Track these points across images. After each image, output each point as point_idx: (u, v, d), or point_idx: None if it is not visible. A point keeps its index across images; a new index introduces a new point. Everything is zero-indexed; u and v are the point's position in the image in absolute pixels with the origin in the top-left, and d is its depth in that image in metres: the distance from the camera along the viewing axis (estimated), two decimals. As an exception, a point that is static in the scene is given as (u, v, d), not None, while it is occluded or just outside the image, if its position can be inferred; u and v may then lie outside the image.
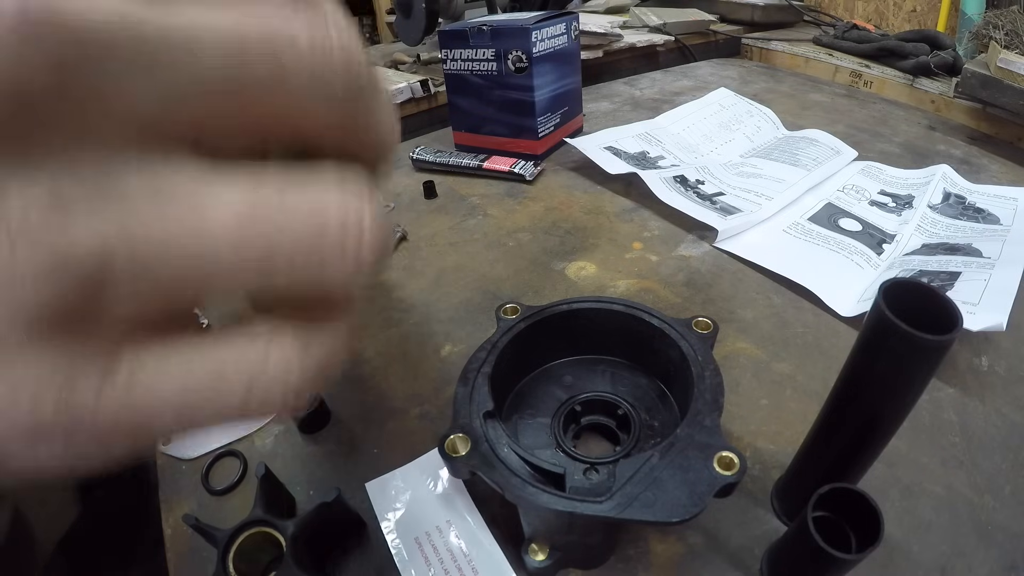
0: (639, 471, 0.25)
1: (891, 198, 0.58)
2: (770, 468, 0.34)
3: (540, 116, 0.68)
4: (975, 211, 0.55)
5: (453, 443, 0.27)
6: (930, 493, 0.32)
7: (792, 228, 0.55)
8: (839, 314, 0.44)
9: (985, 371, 0.39)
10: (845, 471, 0.28)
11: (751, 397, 0.38)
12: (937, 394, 0.37)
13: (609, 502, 0.24)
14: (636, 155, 0.68)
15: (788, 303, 0.46)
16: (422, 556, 0.32)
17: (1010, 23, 0.68)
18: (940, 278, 0.44)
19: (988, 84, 0.66)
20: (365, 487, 0.36)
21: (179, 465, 0.39)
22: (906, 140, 0.70)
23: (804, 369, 0.40)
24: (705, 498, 0.24)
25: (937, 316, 0.21)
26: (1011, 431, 0.35)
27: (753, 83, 0.91)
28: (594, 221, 0.59)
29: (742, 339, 0.43)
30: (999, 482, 0.32)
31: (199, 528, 0.31)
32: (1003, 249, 0.47)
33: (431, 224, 0.61)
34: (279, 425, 0.41)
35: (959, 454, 0.34)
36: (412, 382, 0.43)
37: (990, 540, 0.29)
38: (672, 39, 1.03)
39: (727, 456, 0.25)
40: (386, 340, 0.47)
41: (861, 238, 0.52)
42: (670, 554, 0.30)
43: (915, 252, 0.50)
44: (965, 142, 0.69)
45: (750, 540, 0.30)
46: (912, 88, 0.80)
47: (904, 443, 0.34)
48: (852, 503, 0.24)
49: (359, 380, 0.44)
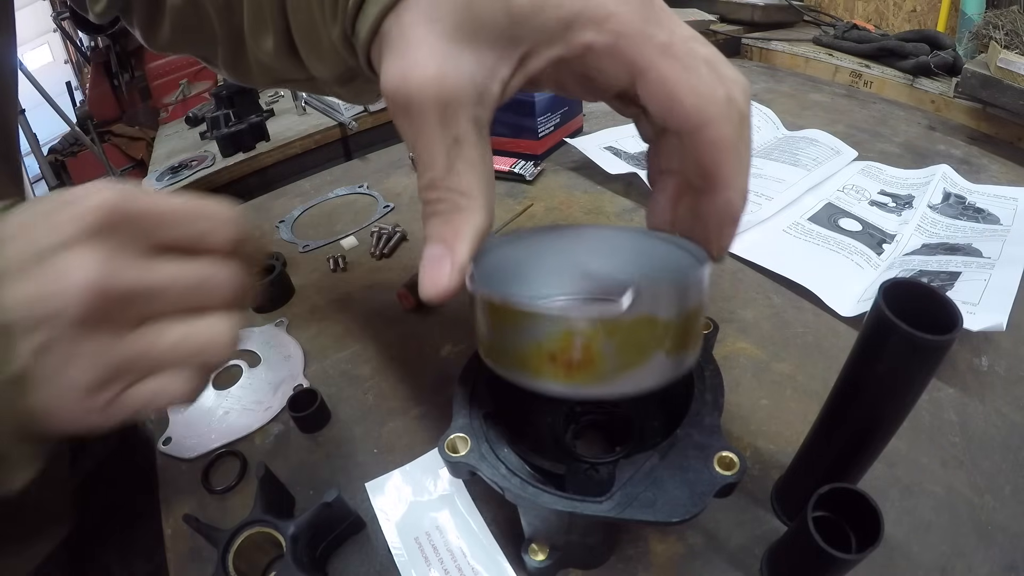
0: (639, 471, 0.25)
1: (891, 198, 0.58)
2: (770, 468, 0.34)
3: (540, 116, 0.68)
4: (975, 211, 0.55)
5: (453, 443, 0.27)
6: (930, 493, 0.32)
7: (792, 228, 0.55)
8: (839, 314, 0.44)
9: (985, 371, 0.39)
10: (845, 471, 0.28)
11: (751, 397, 0.38)
12: (937, 394, 0.37)
13: (609, 502, 0.24)
14: (636, 155, 0.68)
15: (788, 303, 0.46)
16: (422, 556, 0.32)
17: (1010, 23, 0.68)
18: (940, 278, 0.44)
19: (988, 84, 0.66)
20: (365, 487, 0.36)
21: (179, 465, 0.39)
22: (906, 140, 0.70)
23: (804, 369, 0.40)
24: (705, 498, 0.24)
25: (937, 316, 0.21)
26: (1011, 431, 0.35)
27: (753, 83, 0.91)
28: (594, 221, 0.59)
29: (742, 339, 0.43)
30: (999, 482, 0.32)
31: (199, 528, 0.31)
32: (1003, 249, 0.47)
33: (431, 224, 0.61)
34: (279, 425, 0.41)
35: (959, 454, 0.34)
36: (412, 382, 0.43)
37: (990, 540, 0.29)
38: (672, 39, 1.03)
39: (727, 456, 0.25)
40: (386, 340, 0.47)
41: (861, 238, 0.52)
42: (670, 554, 0.30)
43: (915, 252, 0.50)
44: (965, 142, 0.69)
45: (750, 540, 0.30)
46: (912, 88, 0.80)
47: (904, 443, 0.34)
48: (852, 503, 0.24)
49: (359, 380, 0.44)
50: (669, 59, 0.21)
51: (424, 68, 0.21)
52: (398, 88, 0.22)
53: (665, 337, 0.21)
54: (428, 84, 0.21)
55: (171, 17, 0.33)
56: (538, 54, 0.22)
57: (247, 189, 1.03)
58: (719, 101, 0.21)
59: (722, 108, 0.22)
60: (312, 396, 0.40)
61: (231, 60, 0.34)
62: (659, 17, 0.22)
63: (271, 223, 0.65)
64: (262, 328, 0.49)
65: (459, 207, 0.23)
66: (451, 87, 0.21)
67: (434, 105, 0.21)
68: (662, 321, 0.21)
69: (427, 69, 0.21)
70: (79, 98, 2.58)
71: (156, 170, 1.13)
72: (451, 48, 0.21)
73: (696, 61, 0.22)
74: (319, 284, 0.54)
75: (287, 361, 0.46)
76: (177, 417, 0.43)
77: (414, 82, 0.21)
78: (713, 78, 0.22)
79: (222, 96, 1.10)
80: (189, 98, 1.73)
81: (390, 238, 0.57)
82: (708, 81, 0.22)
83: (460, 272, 0.23)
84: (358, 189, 0.69)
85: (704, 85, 0.21)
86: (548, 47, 0.22)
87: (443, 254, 0.23)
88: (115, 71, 2.23)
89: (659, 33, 0.21)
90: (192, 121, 1.35)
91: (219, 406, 0.43)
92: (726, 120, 0.22)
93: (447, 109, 0.22)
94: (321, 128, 1.07)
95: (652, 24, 0.21)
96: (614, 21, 0.21)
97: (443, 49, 0.21)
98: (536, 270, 0.29)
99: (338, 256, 0.56)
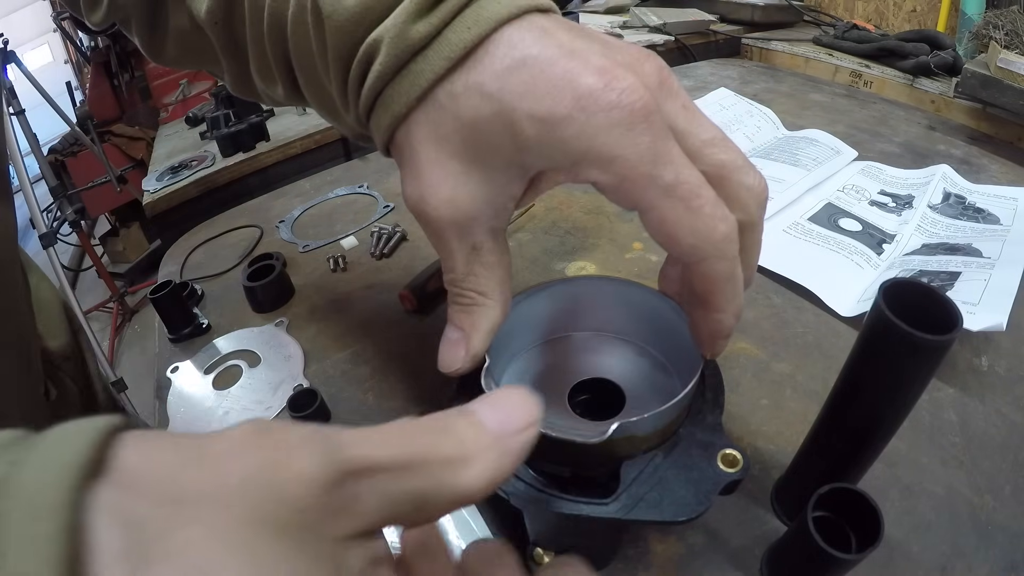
0: (644, 471, 0.25)
1: (891, 198, 0.58)
2: (770, 468, 0.34)
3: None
4: (975, 211, 0.55)
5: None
6: (930, 493, 0.32)
7: (792, 228, 0.55)
8: (839, 314, 0.44)
9: (985, 371, 0.39)
10: (845, 471, 0.28)
11: (751, 397, 0.38)
12: (937, 394, 0.37)
13: (616, 503, 0.24)
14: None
15: (788, 303, 0.46)
16: (422, 556, 0.32)
17: (1010, 23, 0.68)
18: (940, 278, 0.44)
19: (988, 84, 0.66)
20: (365, 487, 0.36)
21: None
22: (906, 140, 0.70)
23: (804, 369, 0.40)
24: (711, 496, 0.24)
25: (937, 316, 0.21)
26: (1011, 431, 0.35)
27: (753, 83, 0.91)
28: (594, 221, 0.59)
29: (742, 339, 0.43)
30: (999, 482, 0.32)
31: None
32: (1003, 249, 0.47)
33: (431, 224, 0.61)
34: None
35: (959, 454, 0.34)
36: (412, 382, 0.43)
37: (990, 540, 0.29)
38: (672, 39, 1.03)
39: (730, 454, 0.25)
40: (386, 340, 0.47)
41: (861, 238, 0.52)
42: (670, 554, 0.30)
43: (915, 252, 0.50)
44: (965, 142, 0.69)
45: (750, 540, 0.30)
46: (912, 88, 0.80)
47: (904, 443, 0.34)
48: (852, 503, 0.24)
49: (359, 380, 0.44)
50: (671, 200, 0.21)
51: (437, 192, 0.23)
52: (416, 206, 0.24)
53: (643, 442, 0.26)
54: (443, 207, 0.23)
55: (175, 38, 0.33)
56: (548, 178, 0.25)
57: (247, 189, 1.03)
58: (716, 240, 0.22)
59: (718, 247, 0.22)
60: (312, 396, 0.40)
61: (239, 85, 0.34)
62: (669, 156, 0.21)
63: (271, 223, 0.65)
64: (262, 328, 0.49)
65: (477, 303, 0.26)
66: (465, 209, 0.23)
67: (450, 224, 0.24)
68: (641, 436, 0.25)
69: (440, 192, 0.23)
70: (79, 98, 2.58)
71: (156, 170, 1.13)
72: (462, 168, 0.23)
73: (701, 200, 0.22)
74: (319, 284, 0.54)
75: (287, 361, 0.46)
76: (177, 417, 0.43)
77: (430, 204, 0.23)
78: (716, 214, 0.22)
79: (222, 96, 1.10)
80: (189, 98, 1.73)
81: (390, 238, 0.57)
82: (708, 220, 0.22)
83: (472, 359, 0.26)
84: (358, 189, 0.69)
85: (703, 224, 0.22)
86: (556, 174, 0.24)
87: (459, 340, 0.26)
88: (115, 71, 2.22)
89: (665, 174, 0.21)
90: (192, 121, 1.35)
91: (219, 406, 0.43)
92: (720, 259, 0.23)
93: (463, 227, 0.24)
94: (321, 128, 1.07)
95: (659, 165, 0.21)
96: (619, 164, 0.21)
97: (455, 170, 0.23)
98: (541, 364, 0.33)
99: (338, 256, 0.56)
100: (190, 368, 0.47)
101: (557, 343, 0.34)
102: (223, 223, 0.68)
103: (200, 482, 0.13)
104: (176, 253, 0.64)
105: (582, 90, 0.20)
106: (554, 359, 0.33)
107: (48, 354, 0.43)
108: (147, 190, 1.06)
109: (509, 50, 0.21)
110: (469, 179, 0.23)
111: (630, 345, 0.33)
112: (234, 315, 0.52)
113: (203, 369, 0.47)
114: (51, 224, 1.95)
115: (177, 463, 0.13)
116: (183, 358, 0.48)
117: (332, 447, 0.14)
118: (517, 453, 0.17)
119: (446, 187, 0.23)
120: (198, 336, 0.50)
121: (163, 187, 1.05)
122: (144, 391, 0.62)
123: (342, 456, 0.14)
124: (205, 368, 0.47)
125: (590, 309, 0.33)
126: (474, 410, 0.17)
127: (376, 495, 0.15)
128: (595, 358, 0.33)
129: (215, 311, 0.53)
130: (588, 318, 0.34)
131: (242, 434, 0.14)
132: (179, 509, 0.12)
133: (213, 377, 0.46)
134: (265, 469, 0.13)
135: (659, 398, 0.30)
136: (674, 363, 0.31)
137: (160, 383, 0.46)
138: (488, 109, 0.21)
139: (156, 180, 1.08)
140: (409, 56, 0.22)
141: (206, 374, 0.46)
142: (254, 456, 0.13)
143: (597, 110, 0.20)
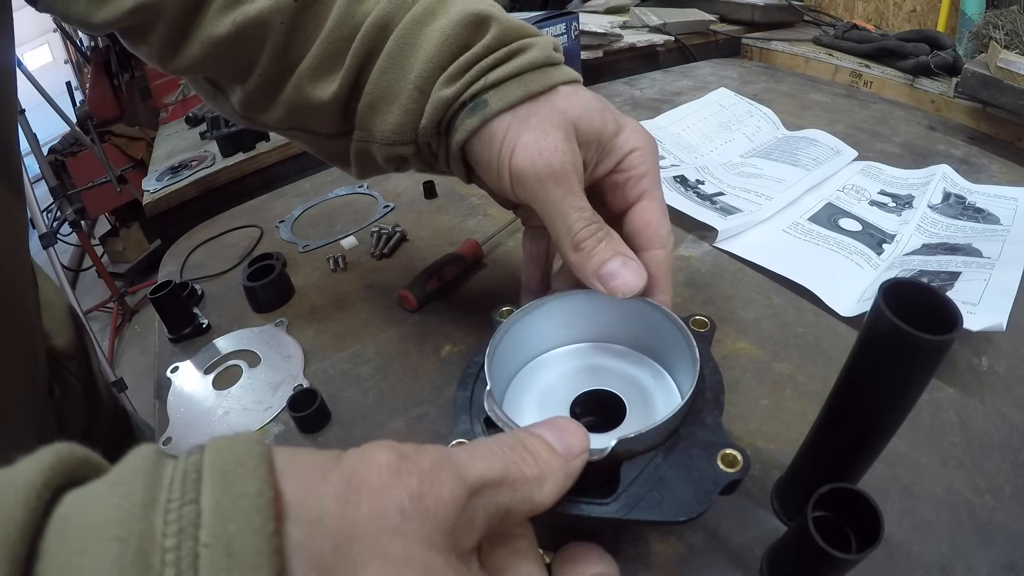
0: (644, 471, 0.25)
1: (891, 198, 0.58)
2: (770, 468, 0.34)
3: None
4: (975, 211, 0.55)
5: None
6: (930, 493, 0.32)
7: (792, 228, 0.55)
8: (839, 314, 0.44)
9: (985, 371, 0.39)
10: (845, 471, 0.28)
11: (751, 397, 0.38)
12: (937, 394, 0.37)
13: (616, 503, 0.24)
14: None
15: (788, 303, 0.46)
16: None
17: (1010, 23, 0.68)
18: (940, 278, 0.44)
19: (988, 84, 0.66)
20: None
21: (179, 465, 0.39)
22: (906, 140, 0.70)
23: (804, 369, 0.40)
24: (711, 496, 0.24)
25: (937, 316, 0.21)
26: (1011, 431, 0.35)
27: (753, 83, 0.91)
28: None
29: (742, 339, 0.43)
30: (999, 482, 0.32)
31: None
32: (1003, 249, 0.47)
33: (431, 224, 0.61)
34: (279, 425, 0.41)
35: (959, 454, 0.34)
36: (412, 382, 0.43)
37: (990, 540, 0.29)
38: (672, 39, 1.03)
39: (730, 453, 0.25)
40: (386, 340, 0.47)
41: (861, 238, 0.52)
42: (670, 554, 0.30)
43: (915, 252, 0.50)
44: (965, 142, 0.69)
45: (750, 540, 0.30)
46: (912, 88, 0.80)
47: (904, 443, 0.34)
48: (852, 503, 0.24)
49: (359, 380, 0.44)
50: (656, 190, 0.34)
51: (557, 148, 0.30)
52: (534, 160, 0.30)
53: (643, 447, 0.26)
54: (566, 158, 0.30)
55: (204, 44, 0.33)
56: (600, 163, 0.33)
57: (247, 189, 1.03)
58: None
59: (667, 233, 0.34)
60: (312, 396, 0.40)
61: (248, 104, 0.36)
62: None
63: (271, 223, 0.65)
64: (262, 328, 0.49)
65: (608, 230, 0.31)
66: (576, 164, 0.31)
67: (573, 169, 0.30)
68: (639, 448, 0.26)
69: (559, 149, 0.30)
70: (79, 98, 2.58)
71: (156, 170, 1.13)
72: (570, 144, 0.31)
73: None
74: (319, 284, 0.54)
75: (287, 361, 0.46)
76: (177, 417, 0.43)
77: (556, 157, 0.30)
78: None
79: (222, 96, 1.10)
80: (189, 98, 1.73)
81: (390, 238, 0.57)
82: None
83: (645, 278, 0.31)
84: (358, 189, 0.69)
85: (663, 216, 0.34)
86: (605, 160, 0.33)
87: (624, 263, 0.30)
88: (115, 71, 2.22)
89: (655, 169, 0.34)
90: (192, 121, 1.35)
91: (219, 406, 0.43)
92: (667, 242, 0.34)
93: (579, 173, 0.31)
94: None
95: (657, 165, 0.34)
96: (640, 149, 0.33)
97: (566, 141, 0.31)
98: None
99: (338, 256, 0.56)
100: (190, 368, 0.47)
101: (555, 357, 0.34)
102: (223, 223, 0.68)
103: (368, 519, 0.15)
104: (176, 253, 0.64)
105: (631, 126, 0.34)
106: (553, 373, 0.34)
107: (53, 352, 0.43)
108: (147, 190, 1.06)
109: (577, 91, 0.33)
110: (575, 150, 0.31)
111: (628, 354, 0.34)
112: (234, 315, 0.52)
113: (203, 369, 0.47)
114: (51, 224, 1.96)
115: (336, 496, 0.15)
116: (183, 358, 0.48)
117: (458, 470, 0.17)
118: (576, 475, 0.20)
119: (564, 147, 0.30)
120: (198, 336, 0.50)
121: (163, 187, 1.05)
122: (144, 391, 0.62)
123: (466, 478, 0.17)
124: (205, 368, 0.47)
125: (586, 321, 0.34)
126: (542, 434, 0.20)
127: (482, 510, 0.17)
128: (594, 370, 0.33)
129: (215, 311, 0.53)
130: (584, 330, 0.34)
131: (385, 464, 0.16)
132: (356, 547, 0.14)
133: (213, 377, 0.46)
134: (416, 499, 0.15)
135: (658, 406, 0.30)
136: (671, 370, 0.32)
137: (160, 383, 0.46)
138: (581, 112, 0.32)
139: (156, 180, 1.08)
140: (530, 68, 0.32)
141: (206, 374, 0.46)
142: (404, 488, 0.16)
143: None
